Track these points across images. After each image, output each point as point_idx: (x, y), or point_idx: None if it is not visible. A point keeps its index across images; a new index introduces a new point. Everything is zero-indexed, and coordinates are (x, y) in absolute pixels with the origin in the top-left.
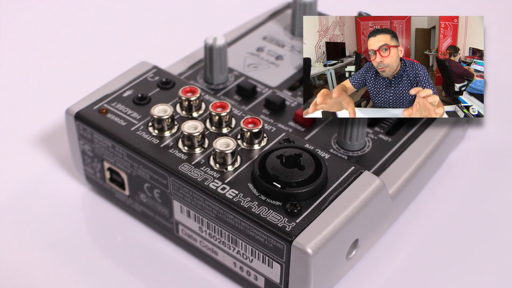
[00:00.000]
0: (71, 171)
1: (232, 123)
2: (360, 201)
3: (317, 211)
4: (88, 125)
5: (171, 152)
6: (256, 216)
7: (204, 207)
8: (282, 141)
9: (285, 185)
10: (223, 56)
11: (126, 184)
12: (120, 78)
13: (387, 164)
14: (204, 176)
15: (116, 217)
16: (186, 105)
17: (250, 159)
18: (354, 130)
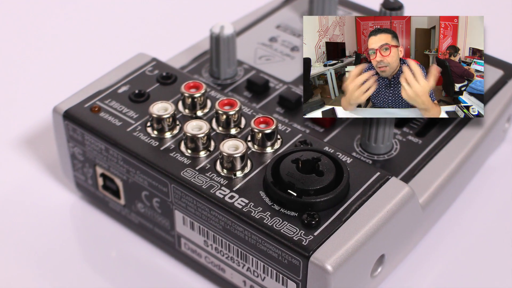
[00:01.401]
0: (59, 178)
1: (242, 123)
2: (387, 211)
3: (338, 222)
4: (79, 125)
5: (173, 155)
6: (269, 228)
7: (210, 218)
8: (298, 144)
9: (301, 193)
10: (231, 47)
11: (122, 192)
12: (115, 72)
13: (417, 169)
14: (209, 183)
15: (110, 230)
16: (189, 102)
17: (262, 164)
18: (380, 131)
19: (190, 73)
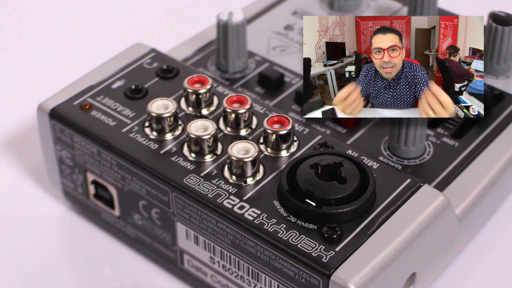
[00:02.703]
0: (44, 185)
1: (253, 123)
2: (418, 223)
3: (363, 236)
4: (67, 125)
5: (174, 160)
6: (284, 243)
7: (216, 231)
8: (317, 146)
9: (321, 202)
10: (241, 37)
11: (116, 201)
12: (108, 65)
13: (453, 175)
14: (216, 191)
15: (103, 245)
16: (193, 99)
17: (276, 170)
18: (411, 132)
19: (194, 66)
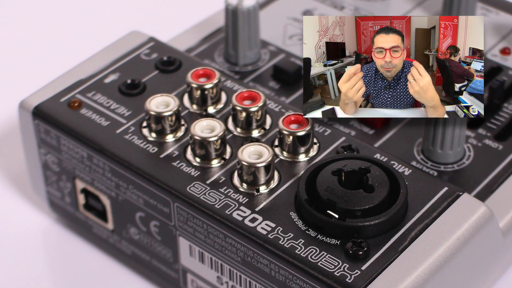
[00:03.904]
0: (27, 195)
1: (267, 123)
2: (457, 238)
3: (393, 253)
4: (53, 125)
5: (176, 165)
6: (303, 261)
7: (225, 247)
8: (340, 150)
9: (345, 214)
10: (253, 24)
11: (109, 213)
12: (100, 56)
13: (497, 183)
14: (225, 202)
15: (94, 262)
16: (198, 95)
17: (294, 176)
18: (448, 133)
19: (199, 57)
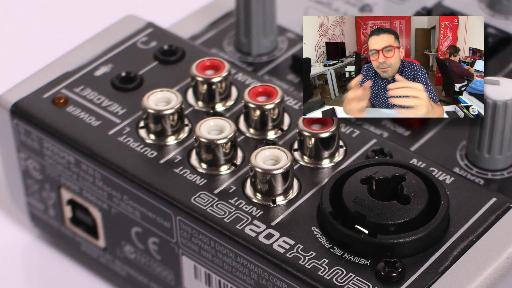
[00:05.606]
0: (4, 206)
1: (285, 123)
2: (507, 257)
3: (432, 275)
4: (35, 125)
5: (179, 172)
6: (327, 285)
7: (236, 268)
8: (371, 154)
9: (376, 229)
10: (268, 7)
11: (101, 228)
12: (90, 45)
13: None
14: (235, 215)
15: (83, 285)
16: (204, 91)
17: (316, 185)
18: (497, 135)
19: (205, 46)
